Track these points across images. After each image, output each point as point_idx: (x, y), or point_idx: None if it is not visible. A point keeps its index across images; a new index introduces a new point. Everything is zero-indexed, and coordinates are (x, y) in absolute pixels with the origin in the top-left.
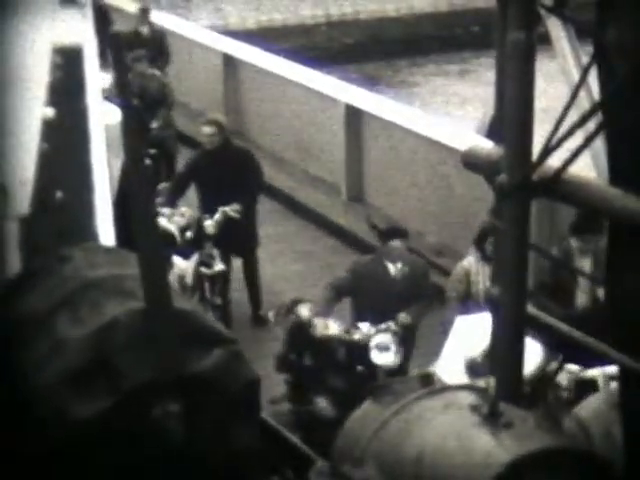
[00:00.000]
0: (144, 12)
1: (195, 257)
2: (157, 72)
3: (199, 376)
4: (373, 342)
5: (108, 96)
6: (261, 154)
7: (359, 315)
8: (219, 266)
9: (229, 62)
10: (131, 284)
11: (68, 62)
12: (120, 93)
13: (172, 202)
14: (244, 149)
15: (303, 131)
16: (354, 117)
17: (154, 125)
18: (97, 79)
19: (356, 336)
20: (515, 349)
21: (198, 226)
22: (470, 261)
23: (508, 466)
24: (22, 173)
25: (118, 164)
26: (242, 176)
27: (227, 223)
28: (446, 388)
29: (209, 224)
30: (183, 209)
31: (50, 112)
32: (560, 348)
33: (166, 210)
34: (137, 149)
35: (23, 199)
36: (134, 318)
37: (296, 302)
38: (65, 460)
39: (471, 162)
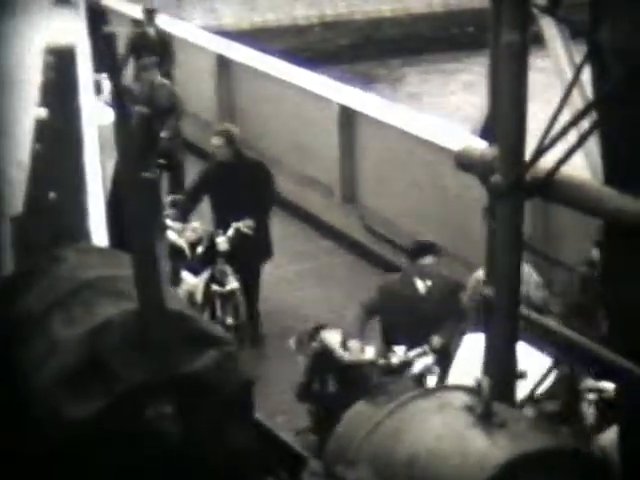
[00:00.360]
0: (150, 13)
1: (206, 273)
2: (166, 81)
3: (193, 377)
4: (416, 367)
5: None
6: (254, 155)
7: (388, 335)
8: (233, 284)
9: (222, 63)
10: (124, 285)
11: (61, 62)
12: (113, 94)
13: (184, 217)
14: (257, 161)
15: (296, 132)
16: (348, 118)
17: (163, 135)
18: (90, 79)
19: (394, 360)
20: (509, 349)
21: (210, 242)
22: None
23: (503, 467)
24: (15, 173)
25: (111, 164)
26: (255, 189)
27: (239, 239)
28: (440, 389)
29: (221, 240)
30: (195, 224)
31: (43, 112)
32: (593, 366)
33: (177, 225)
34: (130, 150)
35: (16, 199)
36: (127, 319)
37: (318, 328)
38: (60, 460)
39: (464, 162)
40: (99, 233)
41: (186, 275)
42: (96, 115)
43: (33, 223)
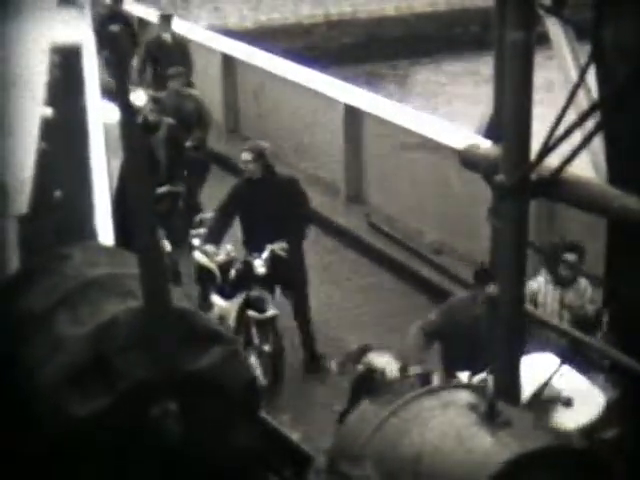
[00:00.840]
0: (166, 19)
1: (240, 298)
2: (194, 91)
3: (197, 375)
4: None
5: (145, 114)
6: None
7: (450, 360)
8: (272, 311)
9: (228, 62)
10: (130, 283)
11: (66, 61)
12: (119, 93)
13: (216, 239)
14: (289, 178)
15: (302, 131)
16: (353, 117)
17: (187, 145)
18: (95, 78)
19: None
20: (513, 347)
21: (245, 265)
22: (539, 282)
23: (506, 464)
24: (21, 172)
25: (117, 163)
26: (287, 208)
27: (274, 261)
28: (444, 387)
29: (258, 264)
30: (228, 247)
31: (49, 111)
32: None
33: (210, 247)
34: (136, 149)
35: (22, 198)
36: (133, 317)
37: (364, 350)
38: (63, 458)
39: (469, 161)
40: (105, 231)
41: (216, 299)
42: (102, 113)
43: (39, 222)
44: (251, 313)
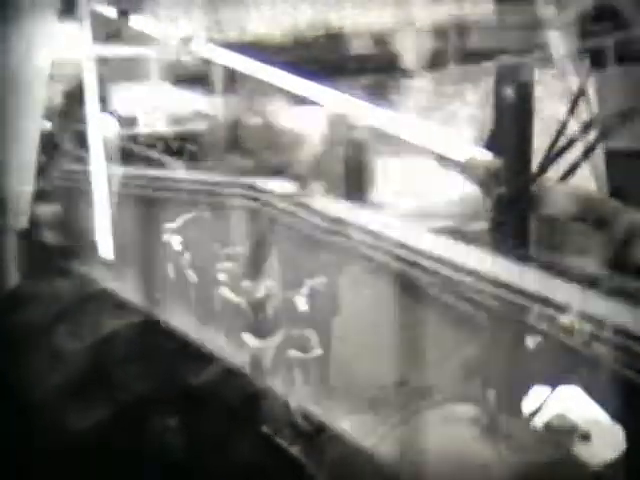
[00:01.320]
0: (185, 41)
1: (277, 336)
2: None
3: (198, 389)
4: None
5: (167, 139)
6: (258, 165)
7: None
8: (317, 350)
9: (227, 74)
10: (129, 298)
11: None
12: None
13: (255, 274)
14: None
15: (301, 143)
16: (352, 128)
17: None
18: (95, 90)
19: None
20: (514, 360)
21: (285, 302)
22: (572, 317)
23: (508, 477)
24: (20, 187)
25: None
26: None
27: (313, 297)
28: (445, 401)
29: (300, 300)
30: (269, 282)
31: (48, 125)
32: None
33: (248, 283)
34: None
35: (22, 212)
36: (132, 331)
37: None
38: (63, 470)
39: (470, 174)
40: (104, 246)
41: (249, 338)
42: (102, 127)
43: (39, 236)
44: (294, 353)
